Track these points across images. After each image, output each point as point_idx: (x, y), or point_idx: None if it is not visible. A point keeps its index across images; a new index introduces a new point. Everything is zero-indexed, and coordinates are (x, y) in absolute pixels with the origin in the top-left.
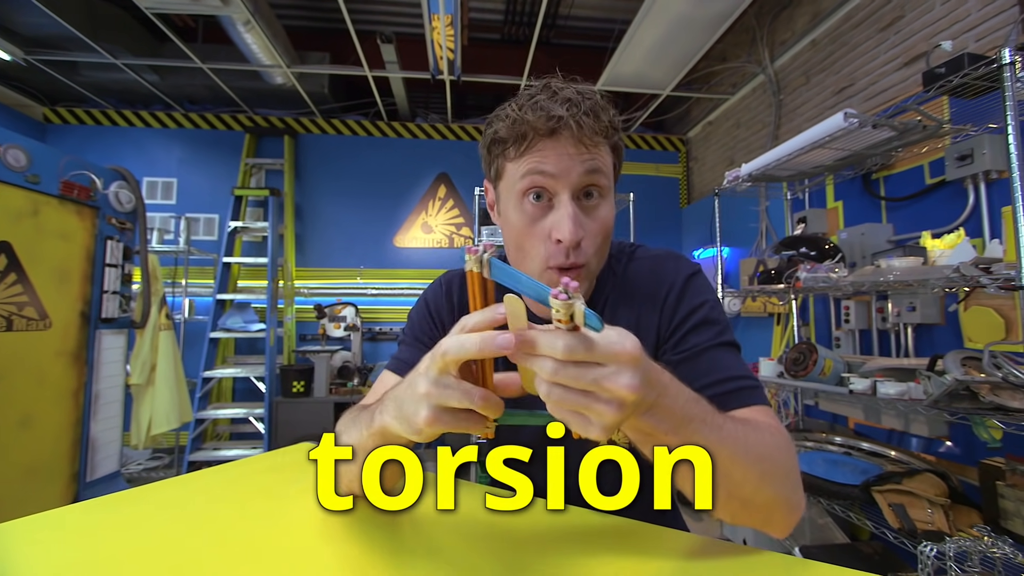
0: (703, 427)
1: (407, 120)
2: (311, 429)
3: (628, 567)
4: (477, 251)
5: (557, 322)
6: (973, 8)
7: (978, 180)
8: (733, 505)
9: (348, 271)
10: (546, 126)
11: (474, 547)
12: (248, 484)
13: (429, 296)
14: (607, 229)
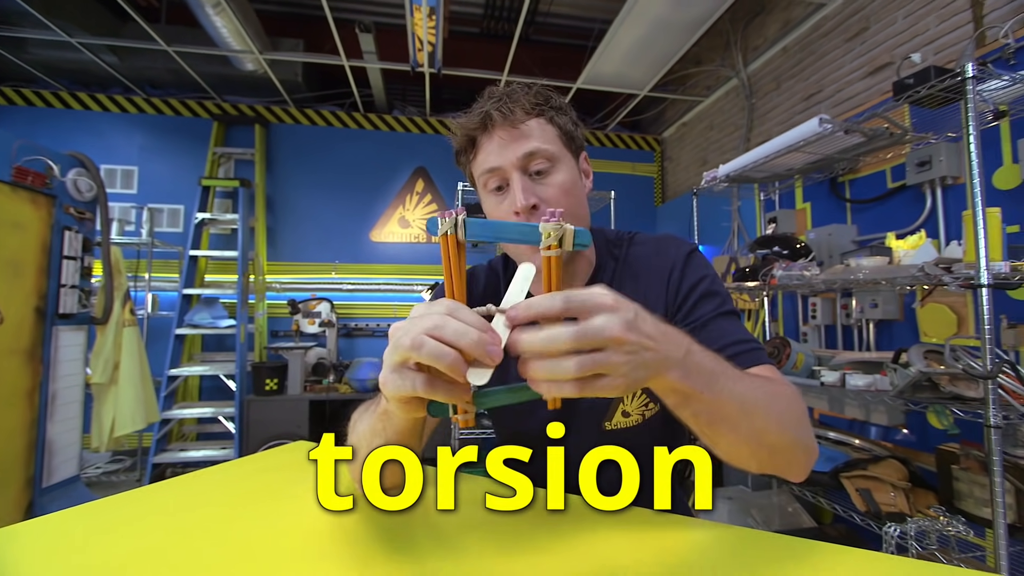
0: (730, 380)
1: (384, 112)
2: (285, 428)
3: (634, 553)
4: (451, 214)
5: (546, 248)
6: (932, 24)
7: (935, 185)
8: (762, 453)
9: (322, 266)
10: (479, 122)
11: (477, 541)
12: (251, 484)
13: (439, 295)
14: (565, 190)
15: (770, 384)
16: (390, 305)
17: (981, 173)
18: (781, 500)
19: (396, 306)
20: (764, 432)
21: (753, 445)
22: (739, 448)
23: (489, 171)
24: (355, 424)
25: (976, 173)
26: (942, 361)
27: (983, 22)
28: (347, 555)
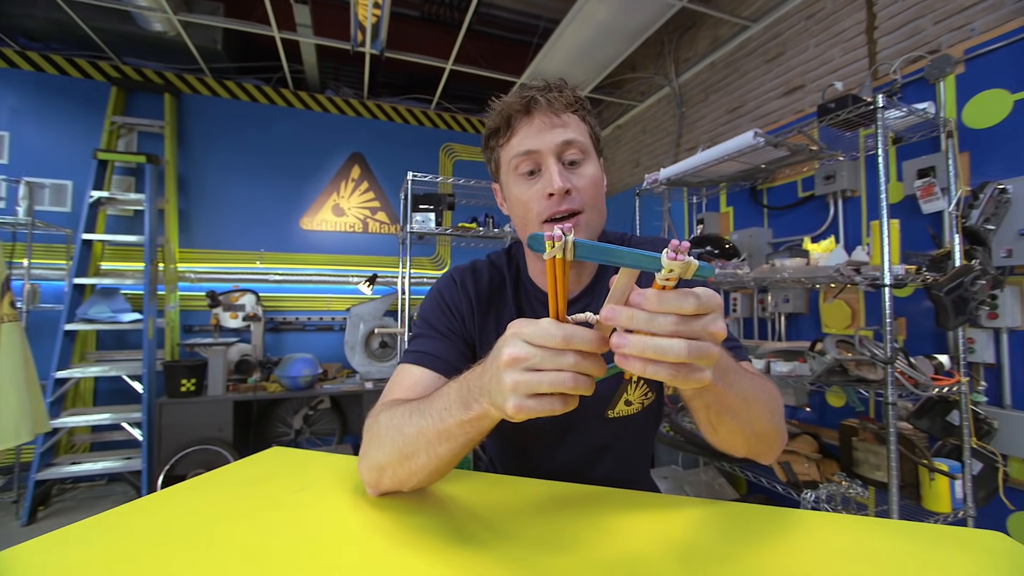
0: (736, 375)
1: (316, 91)
2: (205, 432)
3: (630, 531)
4: (559, 236)
5: (665, 280)
6: (836, 55)
7: (838, 196)
8: (752, 439)
9: (246, 254)
10: (521, 103)
11: (497, 538)
12: (252, 495)
13: (444, 291)
14: (595, 182)
15: (761, 380)
16: (323, 298)
17: (887, 189)
18: (708, 476)
19: (329, 299)
20: (757, 421)
21: (747, 432)
22: (735, 435)
23: (525, 153)
24: (399, 421)
25: (884, 188)
26: (850, 349)
27: (876, 59)
28: (374, 559)
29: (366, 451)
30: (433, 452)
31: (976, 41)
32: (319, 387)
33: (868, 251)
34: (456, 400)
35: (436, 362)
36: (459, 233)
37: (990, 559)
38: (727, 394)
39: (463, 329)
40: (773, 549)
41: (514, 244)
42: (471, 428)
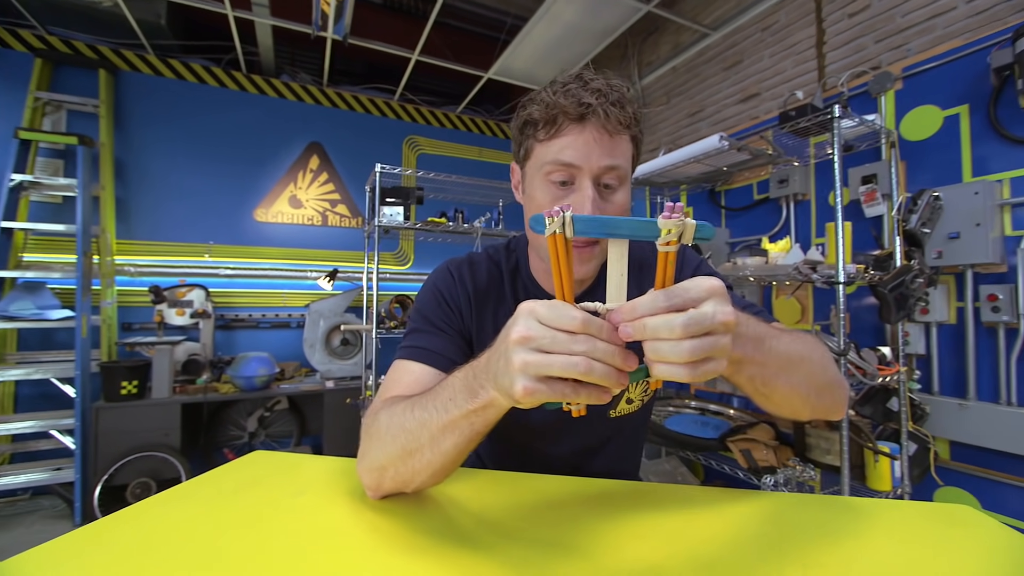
0: (772, 340)
1: (270, 76)
2: (149, 437)
3: (633, 523)
4: (558, 212)
5: (666, 244)
6: (789, 66)
7: (790, 199)
8: (812, 397)
9: (193, 247)
10: (576, 111)
11: (502, 538)
12: (238, 502)
13: (440, 284)
14: (623, 212)
15: (799, 336)
16: (278, 293)
17: (841, 193)
18: (671, 466)
19: (286, 294)
20: (811, 376)
21: (803, 391)
22: (792, 398)
23: (564, 164)
24: (401, 418)
25: (839, 192)
26: None
27: (825, 72)
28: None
29: (365, 452)
30: (438, 447)
31: (912, 60)
32: (276, 387)
33: (821, 251)
34: (462, 389)
35: (435, 357)
36: (429, 228)
37: (963, 530)
38: (768, 362)
39: (461, 324)
40: (778, 532)
41: (513, 239)
42: (477, 418)
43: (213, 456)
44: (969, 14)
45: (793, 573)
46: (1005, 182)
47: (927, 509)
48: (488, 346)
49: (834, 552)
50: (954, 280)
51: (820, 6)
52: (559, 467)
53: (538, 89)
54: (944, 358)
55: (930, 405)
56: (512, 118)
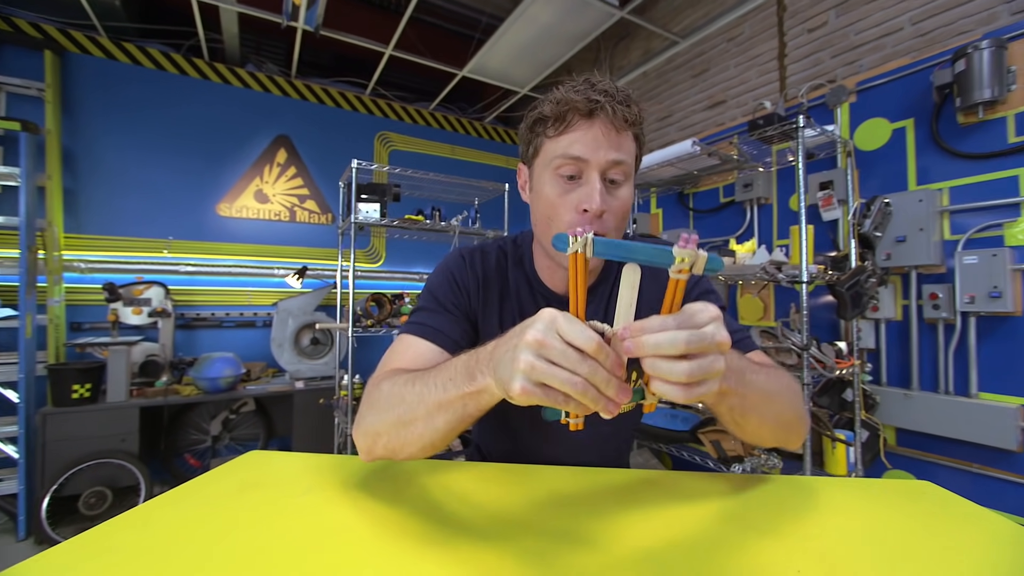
0: (751, 374)
1: (235, 65)
2: (104, 444)
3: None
4: (580, 233)
5: (678, 272)
6: (753, 76)
7: (754, 203)
8: (779, 431)
9: (151, 242)
10: (586, 106)
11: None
12: (242, 503)
13: (453, 268)
14: (626, 207)
15: (776, 371)
16: (244, 291)
17: (810, 198)
18: (643, 458)
19: (251, 292)
20: (781, 413)
21: (772, 425)
22: (762, 429)
23: (573, 158)
24: (401, 389)
25: (803, 197)
26: (771, 339)
27: (787, 83)
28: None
29: (363, 416)
30: (431, 423)
31: (864, 76)
32: (242, 388)
33: (785, 252)
34: (462, 371)
35: (439, 336)
36: (406, 225)
37: (924, 504)
38: (748, 395)
39: (468, 306)
40: (769, 511)
41: (520, 234)
42: (471, 401)
43: (174, 462)
44: (914, 35)
45: (789, 548)
46: (945, 191)
47: (893, 486)
48: (496, 333)
49: (824, 527)
50: (900, 280)
51: (782, 21)
52: (556, 459)
53: (549, 91)
54: (891, 352)
55: (880, 395)
56: (487, 116)
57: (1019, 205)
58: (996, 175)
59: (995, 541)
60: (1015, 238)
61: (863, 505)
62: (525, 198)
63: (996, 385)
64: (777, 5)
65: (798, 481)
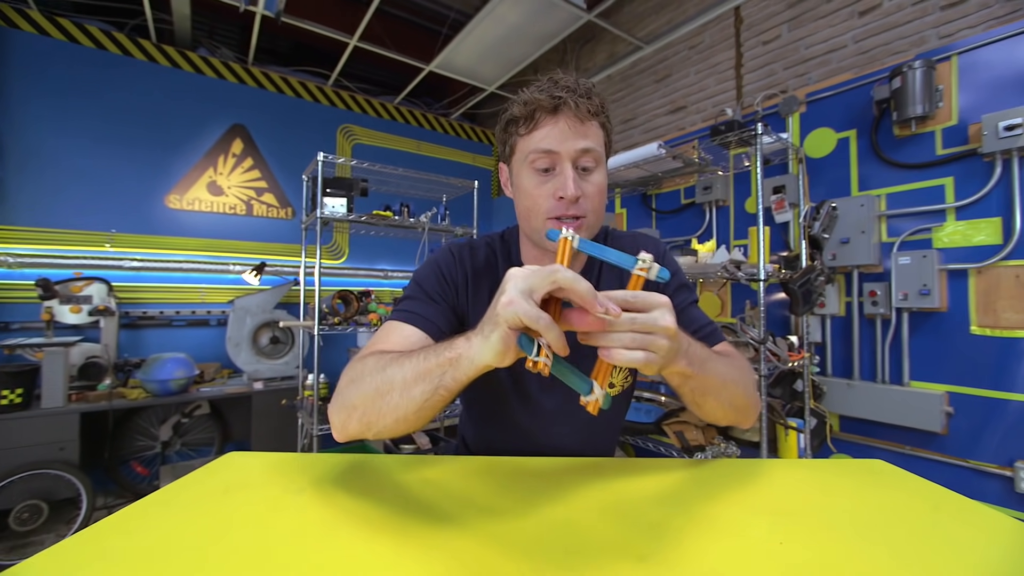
0: (713, 362)
1: (185, 48)
2: (41, 453)
3: (613, 494)
4: (570, 229)
5: (640, 269)
6: (711, 84)
7: (712, 205)
8: (731, 412)
9: (91, 235)
10: (550, 103)
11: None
12: (235, 503)
13: (441, 262)
14: (601, 191)
15: (735, 360)
16: (196, 288)
17: (764, 201)
18: None
19: (204, 289)
20: (735, 397)
21: (727, 407)
22: (716, 411)
23: (545, 152)
24: (384, 363)
25: (760, 200)
26: (730, 334)
27: (743, 92)
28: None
29: (341, 391)
30: (407, 393)
31: (813, 88)
32: (195, 391)
33: (743, 252)
34: (444, 345)
35: (425, 322)
36: (374, 221)
37: (878, 479)
38: (707, 378)
39: (455, 299)
40: (734, 491)
41: (507, 230)
42: (449, 369)
43: (120, 470)
44: (856, 53)
45: (765, 521)
46: (882, 197)
47: (851, 464)
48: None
49: (800, 503)
50: (843, 279)
51: (739, 32)
52: (546, 452)
53: (517, 93)
54: (835, 345)
55: (826, 385)
56: (453, 112)
57: (945, 211)
58: (926, 183)
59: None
60: (941, 241)
61: (830, 480)
62: (508, 194)
63: (925, 374)
64: (735, 17)
65: (764, 464)
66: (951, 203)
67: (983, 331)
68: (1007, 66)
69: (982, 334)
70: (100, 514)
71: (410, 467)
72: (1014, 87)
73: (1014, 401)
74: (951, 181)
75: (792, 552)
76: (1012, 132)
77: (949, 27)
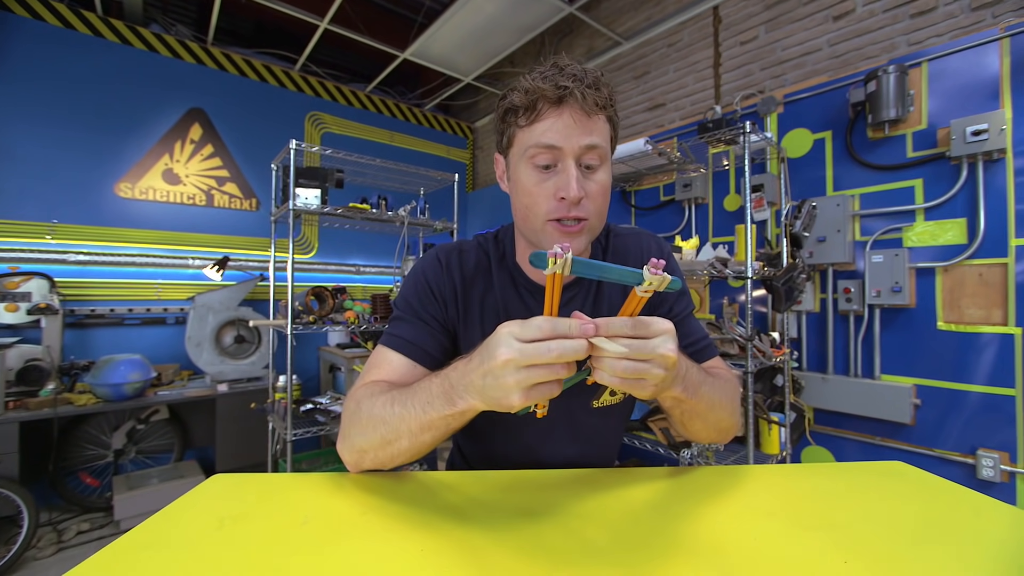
0: (706, 386)
1: (136, 23)
2: None
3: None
4: (560, 254)
5: (644, 292)
6: (690, 82)
7: (692, 202)
8: (713, 433)
9: (29, 226)
10: (555, 93)
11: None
12: (234, 538)
13: (429, 274)
14: (605, 191)
15: (726, 382)
16: (151, 284)
17: (749, 198)
18: None
19: (160, 285)
20: (720, 420)
21: (711, 430)
22: (701, 432)
23: (547, 147)
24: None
25: (748, 198)
26: (715, 330)
27: (721, 91)
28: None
29: (348, 434)
30: (416, 439)
31: (790, 89)
32: (152, 394)
33: (728, 249)
34: (439, 395)
35: (413, 350)
36: (350, 214)
37: (902, 482)
38: (697, 403)
39: (445, 315)
40: (731, 501)
41: (500, 230)
42: (454, 420)
43: (67, 483)
44: (831, 56)
45: (792, 532)
46: (856, 197)
47: (864, 468)
48: (478, 338)
49: (840, 512)
50: (819, 276)
51: (717, 31)
52: (544, 461)
53: (517, 79)
54: (811, 340)
55: (803, 380)
56: (427, 103)
57: (914, 212)
58: (897, 185)
59: (980, 512)
60: (911, 240)
61: (860, 487)
62: (504, 188)
63: (895, 367)
64: (713, 16)
65: (782, 470)
66: (920, 204)
67: (948, 326)
68: (974, 74)
69: (947, 329)
70: (44, 531)
71: (416, 485)
72: (981, 94)
73: (975, 392)
74: (920, 183)
75: (858, 573)
76: (978, 137)
77: (918, 34)
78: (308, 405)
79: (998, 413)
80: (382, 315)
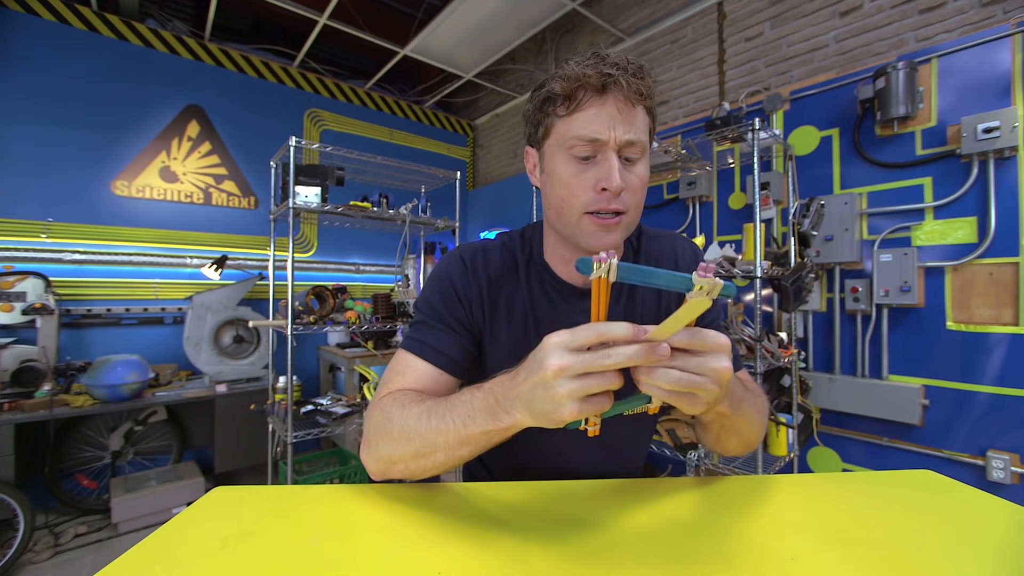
0: (746, 403)
1: (132, 18)
2: None
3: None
4: (604, 259)
5: (695, 296)
6: (694, 79)
7: (696, 200)
8: (740, 448)
9: (24, 224)
10: (599, 81)
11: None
12: (240, 557)
13: (455, 276)
14: (644, 185)
15: (756, 397)
16: (148, 283)
17: (758, 197)
18: None
19: (158, 284)
20: (752, 435)
21: (743, 444)
22: (730, 446)
23: (589, 140)
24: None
25: (758, 196)
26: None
27: (725, 88)
28: None
29: (375, 444)
30: (453, 453)
31: (796, 86)
32: (150, 395)
33: (735, 248)
34: (482, 410)
35: (439, 356)
36: (351, 213)
37: (930, 493)
38: (738, 420)
39: (470, 319)
40: (763, 514)
41: (528, 227)
42: (496, 436)
43: (63, 485)
44: (838, 52)
45: (829, 548)
46: (864, 195)
47: (890, 477)
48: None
49: (874, 526)
50: (826, 275)
51: (722, 28)
52: (570, 468)
53: (556, 69)
54: (818, 340)
55: (810, 380)
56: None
57: (923, 211)
58: (906, 183)
59: (998, 520)
60: (919, 239)
61: (893, 500)
62: (535, 182)
63: (903, 368)
64: (718, 12)
65: (810, 479)
66: (929, 202)
67: (958, 326)
68: (985, 70)
69: (957, 329)
70: (41, 534)
71: (432, 499)
72: (992, 90)
73: (985, 393)
74: (930, 181)
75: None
76: (990, 135)
77: (927, 30)
78: (309, 406)
79: (1008, 414)
80: (383, 315)
